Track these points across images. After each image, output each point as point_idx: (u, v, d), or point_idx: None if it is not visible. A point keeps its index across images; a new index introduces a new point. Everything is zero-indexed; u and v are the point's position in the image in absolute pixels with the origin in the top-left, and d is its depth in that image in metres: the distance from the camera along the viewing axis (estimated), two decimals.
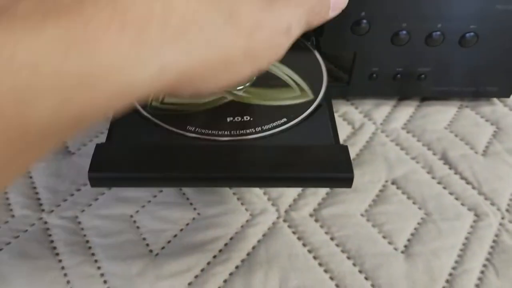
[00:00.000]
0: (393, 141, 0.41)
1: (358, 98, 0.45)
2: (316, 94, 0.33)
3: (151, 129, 0.30)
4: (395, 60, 0.41)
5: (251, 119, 0.31)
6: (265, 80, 0.34)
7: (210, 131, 0.30)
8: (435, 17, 0.38)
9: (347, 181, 0.27)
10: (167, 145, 0.29)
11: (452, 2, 0.37)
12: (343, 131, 0.42)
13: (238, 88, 0.33)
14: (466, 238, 0.35)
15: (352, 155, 0.40)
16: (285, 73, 0.35)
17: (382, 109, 0.44)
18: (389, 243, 0.34)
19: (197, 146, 0.29)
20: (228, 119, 0.31)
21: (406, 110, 0.44)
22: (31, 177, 0.38)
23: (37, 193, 0.37)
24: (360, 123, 0.43)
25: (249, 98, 0.33)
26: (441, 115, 0.44)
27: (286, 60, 0.35)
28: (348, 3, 0.32)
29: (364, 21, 0.38)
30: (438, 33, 0.39)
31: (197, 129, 0.30)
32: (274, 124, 0.31)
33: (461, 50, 0.40)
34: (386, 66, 0.42)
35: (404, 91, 0.44)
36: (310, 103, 0.32)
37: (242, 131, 0.30)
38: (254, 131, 0.30)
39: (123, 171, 0.27)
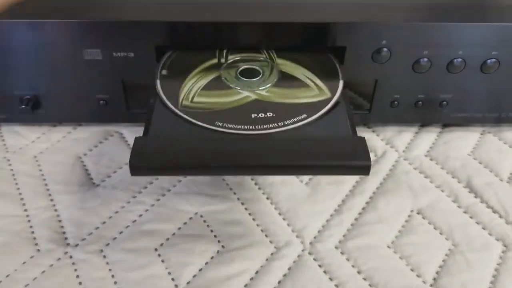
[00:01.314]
0: (416, 169, 0.41)
1: (380, 125, 0.45)
2: (333, 93, 0.36)
3: (183, 124, 0.33)
4: (417, 87, 0.41)
5: (274, 115, 0.34)
6: (286, 81, 0.37)
7: (236, 126, 0.32)
8: (456, 44, 0.38)
9: (364, 169, 0.30)
10: (197, 137, 0.32)
11: (473, 29, 0.37)
12: None
13: (261, 88, 0.36)
14: (496, 270, 0.34)
15: (376, 184, 0.40)
16: (304, 74, 0.38)
17: (404, 136, 0.44)
18: (417, 275, 0.34)
19: (224, 138, 0.32)
20: (253, 115, 0.34)
21: (428, 137, 0.44)
22: (56, 210, 0.38)
23: (62, 226, 0.37)
24: (382, 150, 0.43)
25: (271, 97, 0.35)
26: (463, 141, 0.44)
27: (305, 62, 0.39)
28: (369, 31, 0.36)
29: (385, 49, 0.38)
30: (460, 59, 0.39)
31: (224, 124, 0.33)
32: (295, 119, 0.33)
33: (483, 76, 0.40)
34: (407, 93, 0.41)
35: (426, 118, 0.44)
36: (328, 100, 0.35)
37: (265, 126, 0.33)
38: (277, 125, 0.33)
39: (160, 160, 0.30)
